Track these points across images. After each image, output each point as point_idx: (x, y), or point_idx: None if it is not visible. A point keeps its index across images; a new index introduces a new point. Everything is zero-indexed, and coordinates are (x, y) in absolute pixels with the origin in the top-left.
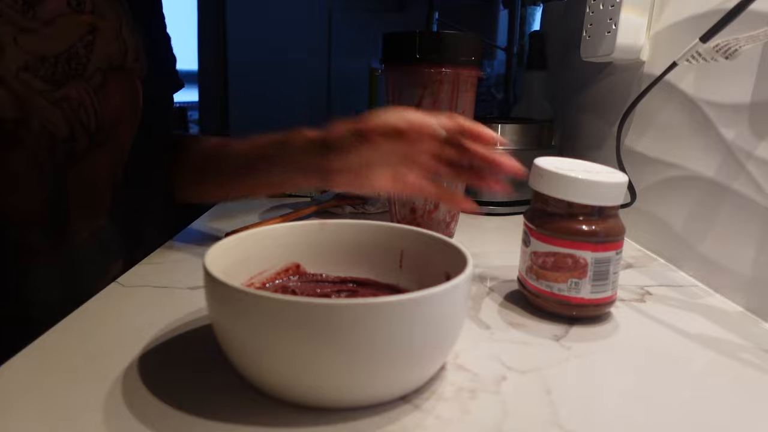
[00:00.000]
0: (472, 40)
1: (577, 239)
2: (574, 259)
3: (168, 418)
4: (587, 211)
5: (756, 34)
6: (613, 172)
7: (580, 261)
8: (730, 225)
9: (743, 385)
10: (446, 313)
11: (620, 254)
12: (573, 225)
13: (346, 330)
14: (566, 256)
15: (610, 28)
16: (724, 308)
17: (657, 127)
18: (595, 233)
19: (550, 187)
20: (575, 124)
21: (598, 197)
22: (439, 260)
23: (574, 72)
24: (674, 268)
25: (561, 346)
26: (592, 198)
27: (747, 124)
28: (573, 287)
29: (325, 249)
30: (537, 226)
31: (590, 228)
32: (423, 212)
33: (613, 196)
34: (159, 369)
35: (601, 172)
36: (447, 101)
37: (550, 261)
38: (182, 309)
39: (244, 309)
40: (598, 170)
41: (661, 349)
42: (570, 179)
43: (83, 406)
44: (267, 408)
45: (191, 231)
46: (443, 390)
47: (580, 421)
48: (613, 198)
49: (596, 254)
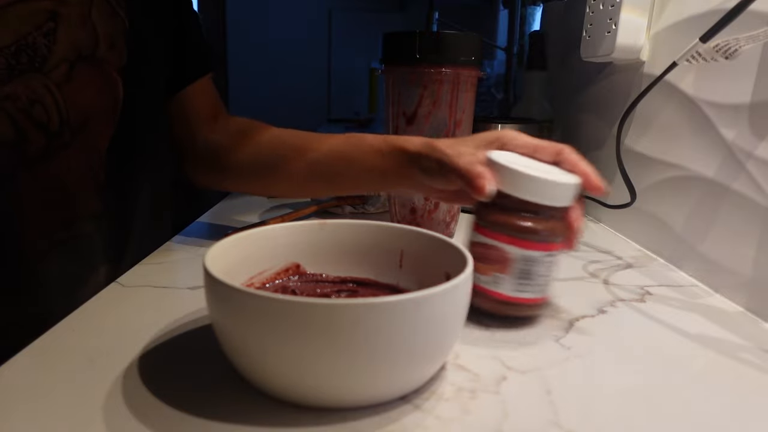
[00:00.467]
0: (472, 40)
1: (508, 233)
2: (501, 253)
3: (168, 418)
4: (531, 208)
5: (756, 34)
6: (566, 174)
7: (506, 255)
8: (730, 225)
9: (743, 385)
10: (446, 313)
11: (552, 257)
12: (508, 219)
13: (346, 330)
14: (493, 248)
15: (610, 28)
16: (724, 308)
17: (657, 127)
18: (528, 230)
19: (499, 179)
20: (575, 124)
21: (538, 194)
22: (439, 260)
23: (574, 72)
24: (674, 268)
25: (561, 346)
26: (533, 195)
27: (747, 124)
28: (494, 281)
29: (325, 249)
30: (477, 217)
31: (524, 224)
32: (423, 212)
33: (556, 197)
34: (159, 369)
35: (552, 172)
36: (447, 101)
37: (479, 251)
38: (182, 309)
39: (244, 309)
40: (550, 170)
41: (661, 349)
42: (515, 173)
43: (83, 406)
44: (267, 408)
45: (191, 231)
46: (443, 390)
47: (580, 421)
48: (557, 198)
49: (524, 251)
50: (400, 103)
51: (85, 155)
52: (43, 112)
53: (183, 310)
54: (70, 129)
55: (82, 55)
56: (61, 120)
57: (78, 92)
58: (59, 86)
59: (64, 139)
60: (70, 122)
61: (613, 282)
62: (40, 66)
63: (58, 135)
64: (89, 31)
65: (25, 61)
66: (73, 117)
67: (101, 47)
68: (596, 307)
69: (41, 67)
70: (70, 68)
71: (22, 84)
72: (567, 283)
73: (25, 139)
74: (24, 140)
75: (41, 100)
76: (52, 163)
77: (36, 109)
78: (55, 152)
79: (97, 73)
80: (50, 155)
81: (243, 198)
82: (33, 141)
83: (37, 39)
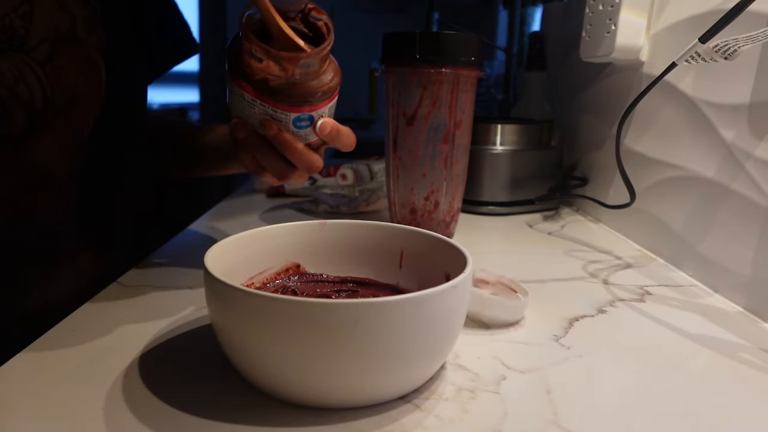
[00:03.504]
0: (472, 41)
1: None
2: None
3: (168, 418)
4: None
5: (755, 34)
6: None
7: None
8: (730, 225)
9: (743, 385)
10: (446, 313)
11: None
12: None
13: (346, 330)
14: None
15: (610, 28)
16: (723, 308)
17: (657, 128)
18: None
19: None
20: (575, 124)
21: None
22: (439, 260)
23: (574, 72)
24: (674, 268)
25: (561, 346)
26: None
27: (746, 125)
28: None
29: (325, 249)
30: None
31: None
32: (423, 212)
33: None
34: (159, 369)
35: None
36: (447, 102)
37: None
38: (182, 309)
39: (244, 309)
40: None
41: (660, 349)
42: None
43: (83, 406)
44: (267, 408)
45: (191, 231)
46: (443, 390)
47: (580, 421)
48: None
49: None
50: (400, 103)
51: (66, 138)
52: (26, 91)
53: (183, 310)
54: (54, 108)
55: (62, 35)
56: (45, 98)
57: (60, 72)
58: (41, 65)
59: (47, 119)
60: (55, 102)
61: (612, 282)
62: (21, 45)
63: (41, 113)
64: (66, 12)
65: (5, 40)
66: (58, 96)
67: (79, 28)
68: (596, 307)
69: (22, 47)
70: (51, 48)
71: (6, 62)
72: (567, 283)
73: (8, 117)
74: (8, 119)
75: (25, 78)
76: (33, 144)
77: (19, 87)
78: (37, 132)
79: (78, 52)
80: (32, 134)
81: (243, 198)
82: (16, 119)
83: (14, 21)
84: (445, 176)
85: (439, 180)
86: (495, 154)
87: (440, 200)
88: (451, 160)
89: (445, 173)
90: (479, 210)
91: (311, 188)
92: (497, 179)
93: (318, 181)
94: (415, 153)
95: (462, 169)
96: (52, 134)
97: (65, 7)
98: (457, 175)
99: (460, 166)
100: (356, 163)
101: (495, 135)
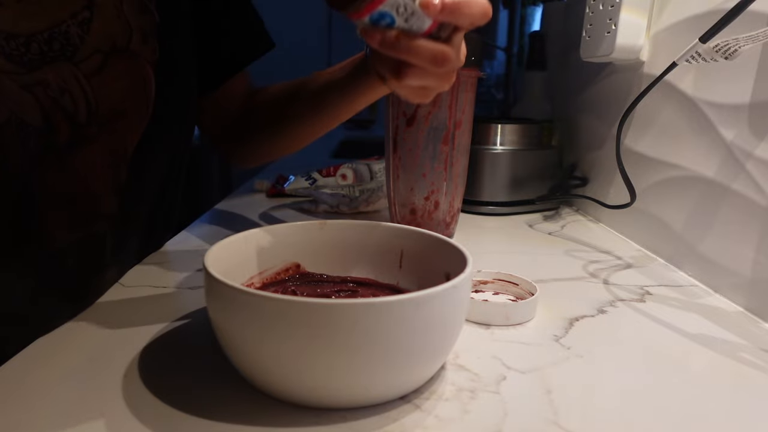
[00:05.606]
0: (472, 40)
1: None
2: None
3: (168, 418)
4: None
5: (756, 34)
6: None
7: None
8: (730, 225)
9: (743, 385)
10: (446, 313)
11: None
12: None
13: (346, 330)
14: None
15: (610, 28)
16: (723, 308)
17: (657, 127)
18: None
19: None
20: (575, 124)
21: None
22: (439, 260)
23: (574, 72)
24: (674, 268)
25: (561, 346)
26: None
27: (746, 124)
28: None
29: (325, 249)
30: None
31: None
32: (423, 212)
33: None
34: (159, 369)
35: None
36: (447, 102)
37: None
38: (182, 309)
39: (244, 309)
40: None
41: (661, 349)
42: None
43: (84, 406)
44: (267, 408)
45: (191, 231)
46: (443, 390)
47: (580, 421)
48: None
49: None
50: (400, 103)
51: (110, 152)
52: (70, 102)
53: (183, 310)
54: (98, 122)
55: (117, 47)
56: (89, 111)
57: (109, 85)
58: (88, 77)
59: (91, 132)
60: (99, 115)
61: (613, 282)
62: (71, 55)
63: (84, 127)
64: (123, 23)
65: (57, 49)
66: (102, 110)
67: (135, 40)
68: (596, 306)
69: (72, 57)
70: (104, 59)
71: (53, 71)
72: (567, 283)
73: (52, 127)
74: (51, 129)
75: (70, 89)
76: (76, 157)
77: (65, 98)
78: (80, 144)
79: (130, 66)
80: (75, 147)
81: (243, 198)
82: (60, 131)
83: (71, 28)
84: (445, 176)
85: (439, 180)
86: (495, 154)
87: (440, 200)
88: (451, 160)
89: (445, 173)
90: (479, 210)
91: (311, 188)
92: (497, 179)
93: (318, 181)
94: (415, 153)
95: (462, 169)
96: (95, 148)
97: (123, 17)
98: (457, 175)
99: (460, 166)
100: (356, 163)
101: (495, 135)
